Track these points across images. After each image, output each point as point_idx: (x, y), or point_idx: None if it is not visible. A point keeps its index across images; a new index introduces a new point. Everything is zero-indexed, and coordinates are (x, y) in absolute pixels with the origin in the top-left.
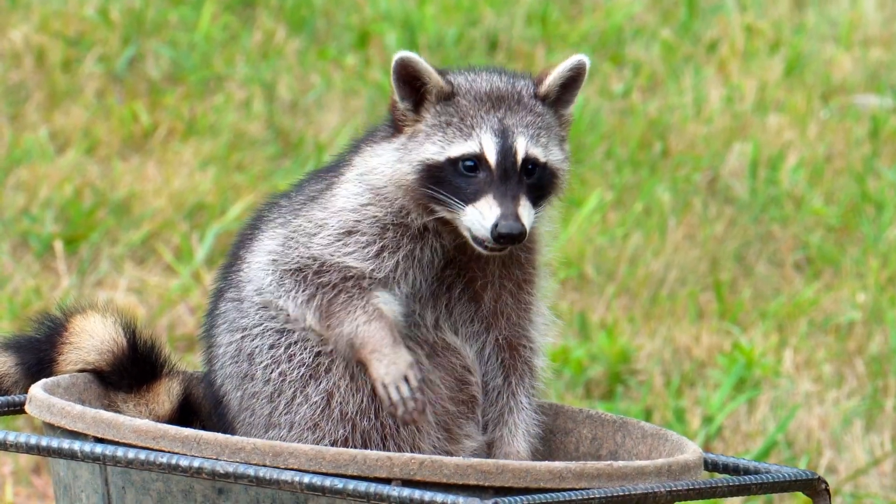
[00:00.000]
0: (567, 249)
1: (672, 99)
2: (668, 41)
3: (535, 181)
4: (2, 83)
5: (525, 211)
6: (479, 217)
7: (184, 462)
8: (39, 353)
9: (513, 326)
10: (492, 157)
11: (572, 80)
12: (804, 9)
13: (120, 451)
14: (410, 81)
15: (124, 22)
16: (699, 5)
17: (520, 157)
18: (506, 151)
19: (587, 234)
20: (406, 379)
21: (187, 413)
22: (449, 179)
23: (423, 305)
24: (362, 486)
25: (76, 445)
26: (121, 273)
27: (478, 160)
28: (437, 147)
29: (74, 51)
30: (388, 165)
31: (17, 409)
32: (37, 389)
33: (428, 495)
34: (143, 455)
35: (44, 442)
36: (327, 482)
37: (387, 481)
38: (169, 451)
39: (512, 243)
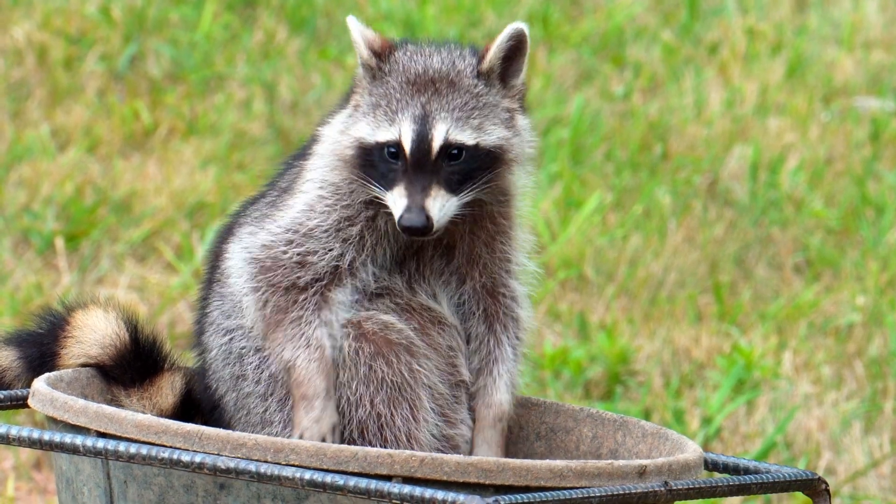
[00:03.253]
0: (567, 250)
1: (672, 101)
2: (669, 43)
3: (463, 166)
4: (4, 80)
5: (436, 202)
6: (393, 206)
7: (185, 457)
8: (42, 347)
9: (490, 275)
10: (407, 146)
11: (515, 50)
12: (805, 11)
13: (122, 446)
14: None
15: (126, 20)
16: (700, 7)
17: (436, 144)
18: (421, 140)
19: (587, 235)
20: (324, 440)
21: (189, 408)
22: (377, 163)
23: (392, 270)
24: (363, 483)
25: (78, 440)
26: (121, 271)
27: (398, 147)
28: (368, 129)
29: (76, 49)
30: (335, 135)
31: (20, 403)
32: (40, 384)
33: (428, 492)
34: (144, 450)
35: (47, 436)
36: (328, 478)
37: (387, 478)
38: (171, 447)
39: (417, 236)
